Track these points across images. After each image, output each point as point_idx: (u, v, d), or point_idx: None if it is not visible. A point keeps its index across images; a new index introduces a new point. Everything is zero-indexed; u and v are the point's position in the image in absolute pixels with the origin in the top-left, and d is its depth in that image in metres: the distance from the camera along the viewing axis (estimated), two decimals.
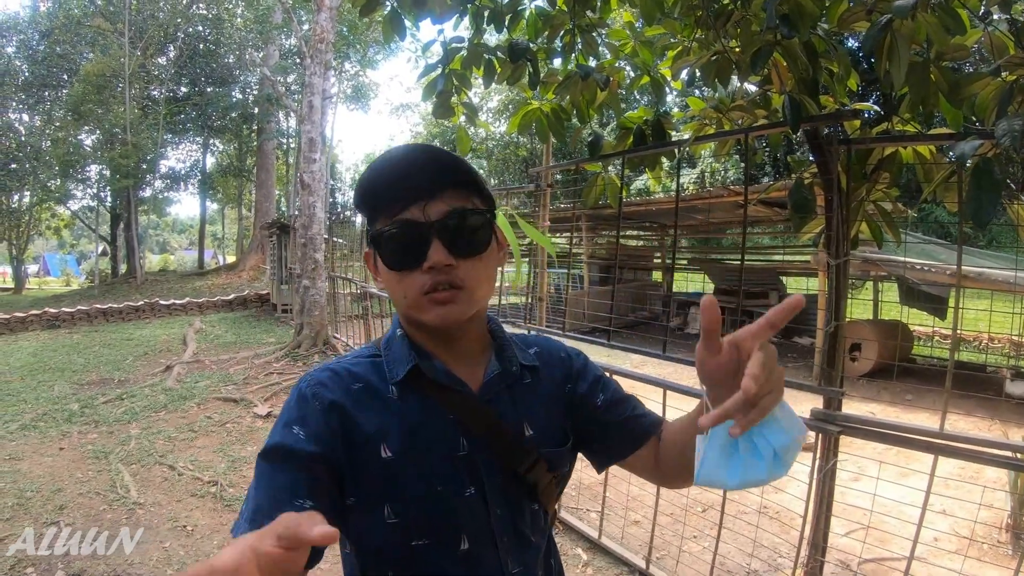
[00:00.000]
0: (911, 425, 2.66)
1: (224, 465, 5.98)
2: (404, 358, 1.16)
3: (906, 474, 3.79)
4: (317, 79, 11.30)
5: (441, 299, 1.10)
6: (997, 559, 4.40)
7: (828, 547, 2.99)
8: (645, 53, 3.39)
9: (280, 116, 27.97)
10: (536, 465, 1.19)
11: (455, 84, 3.40)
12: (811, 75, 2.48)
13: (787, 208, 11.23)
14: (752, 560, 4.04)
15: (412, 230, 1.09)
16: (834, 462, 2.78)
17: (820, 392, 2.80)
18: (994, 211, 1.65)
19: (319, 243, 11.39)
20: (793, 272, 15.00)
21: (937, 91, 2.19)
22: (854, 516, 4.33)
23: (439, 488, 1.10)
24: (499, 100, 31.80)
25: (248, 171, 30.98)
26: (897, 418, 7.46)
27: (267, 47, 24.77)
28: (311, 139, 11.30)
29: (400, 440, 1.10)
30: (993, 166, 1.59)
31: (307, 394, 1.11)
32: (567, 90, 3.17)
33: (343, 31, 22.87)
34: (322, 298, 11.52)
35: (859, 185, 2.64)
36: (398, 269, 1.11)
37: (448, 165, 1.12)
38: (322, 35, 11.18)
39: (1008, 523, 4.72)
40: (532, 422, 1.22)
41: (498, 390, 1.21)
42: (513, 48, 3.11)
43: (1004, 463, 2.53)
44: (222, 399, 8.46)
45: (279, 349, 11.55)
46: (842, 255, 2.61)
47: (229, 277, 25.17)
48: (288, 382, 9.28)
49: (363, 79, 29.28)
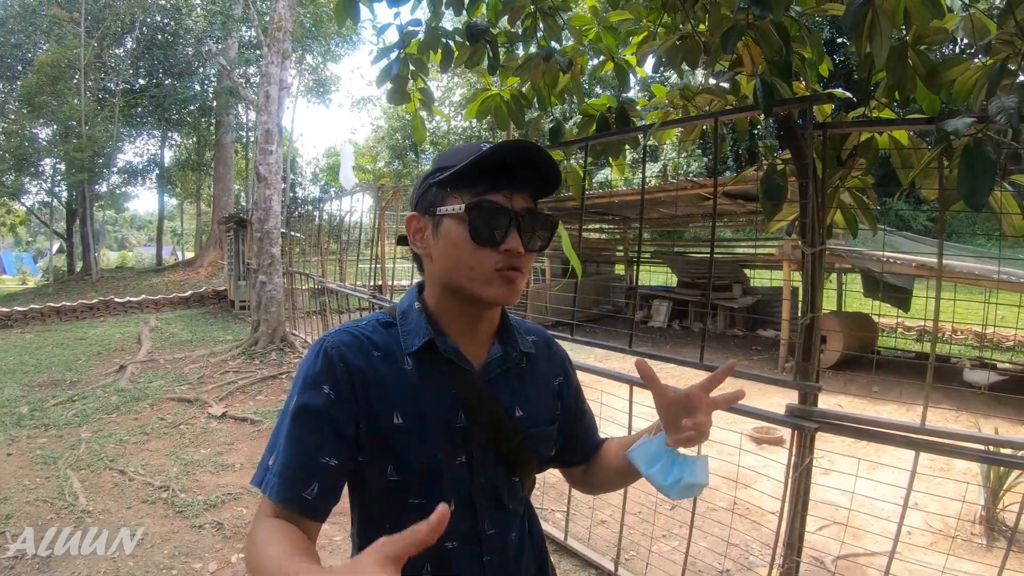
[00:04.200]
0: (891, 421, 2.56)
1: (176, 469, 5.77)
2: (421, 331, 1.25)
3: (875, 467, 3.72)
4: (274, 68, 11.05)
5: (509, 277, 1.20)
6: (972, 551, 4.36)
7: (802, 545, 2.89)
8: (609, 38, 3.28)
9: (240, 109, 27.53)
10: (521, 444, 1.30)
11: (411, 69, 3.27)
12: (784, 57, 2.37)
13: (750, 200, 11.44)
14: (723, 560, 3.94)
15: (500, 213, 1.18)
16: (810, 459, 2.68)
17: (796, 387, 2.69)
18: (989, 193, 1.56)
19: (275, 237, 11.16)
20: (756, 264, 15.05)
21: (915, 75, 2.12)
22: (825, 511, 4.28)
23: (438, 455, 1.21)
24: (461, 94, 31.61)
25: (207, 165, 30.35)
26: (864, 411, 7.49)
27: (227, 39, 24.28)
28: (268, 130, 11.04)
29: (410, 409, 1.20)
30: (986, 145, 1.49)
31: (333, 356, 1.18)
32: (528, 72, 3.04)
33: (306, 23, 22.56)
34: (279, 294, 11.30)
35: (834, 172, 2.53)
36: (480, 243, 1.18)
37: (545, 170, 1.22)
38: (280, 23, 10.92)
39: (982, 515, 4.71)
40: (523, 404, 1.33)
41: (497, 371, 1.31)
42: (471, 30, 2.99)
43: (985, 458, 2.48)
44: (176, 399, 8.23)
45: (235, 347, 11.31)
46: (818, 244, 2.50)
47: (187, 273, 24.70)
48: (244, 381, 9.07)
49: (325, 72, 28.95)
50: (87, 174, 22.85)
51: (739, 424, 5.57)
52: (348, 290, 9.00)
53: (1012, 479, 4.61)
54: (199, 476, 5.66)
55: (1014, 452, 2.42)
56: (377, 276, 8.35)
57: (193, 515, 4.84)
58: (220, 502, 5.08)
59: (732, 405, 1.27)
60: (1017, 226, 2.25)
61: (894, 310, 11.27)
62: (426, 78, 3.43)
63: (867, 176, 2.65)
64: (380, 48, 3.36)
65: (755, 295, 14.64)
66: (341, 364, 1.18)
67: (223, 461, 6.00)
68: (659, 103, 3.27)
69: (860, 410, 7.19)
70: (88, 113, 22.66)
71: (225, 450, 6.33)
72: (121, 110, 25.18)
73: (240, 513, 4.91)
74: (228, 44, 24.27)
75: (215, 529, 4.64)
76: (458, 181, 1.20)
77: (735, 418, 2.85)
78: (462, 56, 3.16)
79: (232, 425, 7.22)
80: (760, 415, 2.89)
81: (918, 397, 7.58)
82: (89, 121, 22.64)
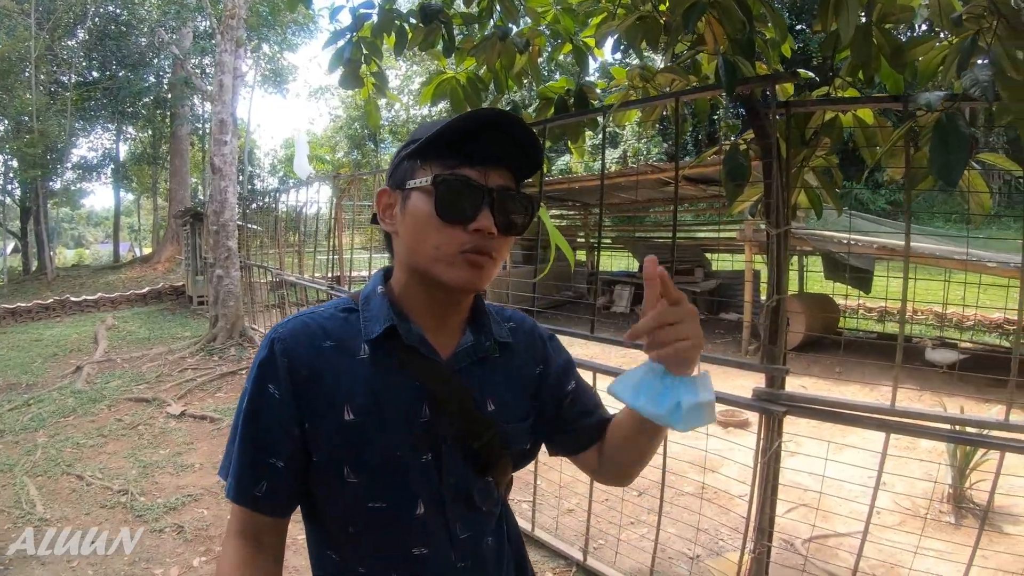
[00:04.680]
0: (862, 403, 2.54)
1: (135, 472, 5.61)
2: (382, 317, 1.16)
3: (841, 449, 3.72)
4: (228, 56, 10.80)
5: (475, 261, 1.10)
6: (941, 530, 4.40)
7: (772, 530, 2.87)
8: (567, 20, 3.24)
9: (195, 100, 27.02)
10: (492, 440, 1.20)
11: (364, 53, 3.18)
12: (746, 36, 2.33)
13: (711, 185, 11.50)
14: (693, 546, 3.92)
15: (471, 189, 1.09)
16: (779, 443, 2.65)
17: (763, 370, 2.65)
18: (963, 168, 1.52)
19: (232, 230, 10.93)
20: (718, 248, 15.13)
21: (879, 54, 2.10)
22: (792, 494, 4.28)
23: (398, 453, 1.12)
24: (420, 83, 31.41)
25: (163, 158, 29.79)
26: (829, 392, 7.56)
27: (181, 28, 23.75)
28: (222, 120, 10.79)
29: (364, 403, 1.11)
30: (958, 120, 1.45)
31: (277, 350, 1.12)
32: (484, 53, 2.98)
33: (262, 11, 22.21)
34: (237, 288, 11.07)
35: (798, 151, 2.49)
36: (446, 220, 1.08)
37: (523, 142, 1.13)
38: (233, 11, 10.67)
39: (949, 494, 4.78)
40: (495, 397, 1.23)
41: (467, 362, 1.22)
42: (425, 10, 2.91)
43: (953, 437, 2.47)
44: (134, 399, 8.02)
45: (194, 343, 11.08)
46: (782, 224, 2.46)
47: (144, 270, 24.26)
48: (203, 378, 8.89)
49: (282, 61, 28.57)
50: (40, 170, 22.27)
51: None
52: (306, 282, 8.87)
53: (978, 457, 4.67)
54: (158, 478, 5.52)
55: (980, 431, 2.40)
56: (335, 267, 8.22)
57: (153, 519, 4.72)
58: (180, 504, 4.96)
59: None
60: (984, 204, 2.23)
61: (856, 291, 11.40)
62: (380, 62, 3.35)
63: (831, 156, 2.61)
64: (332, 31, 3.27)
65: (717, 279, 14.74)
66: (284, 359, 1.11)
67: (182, 461, 5.86)
68: (618, 85, 3.21)
69: (824, 391, 7.28)
70: (40, 107, 21.97)
71: (184, 450, 6.18)
72: (74, 103, 24.48)
73: (201, 515, 4.79)
74: (182, 34, 23.73)
75: (176, 532, 4.53)
76: (430, 153, 1.11)
77: None
78: (416, 38, 3.08)
79: (191, 424, 7.06)
80: (727, 400, 2.84)
81: (881, 377, 7.70)
82: (41, 115, 21.96)
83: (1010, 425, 2.23)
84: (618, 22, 2.67)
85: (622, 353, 6.64)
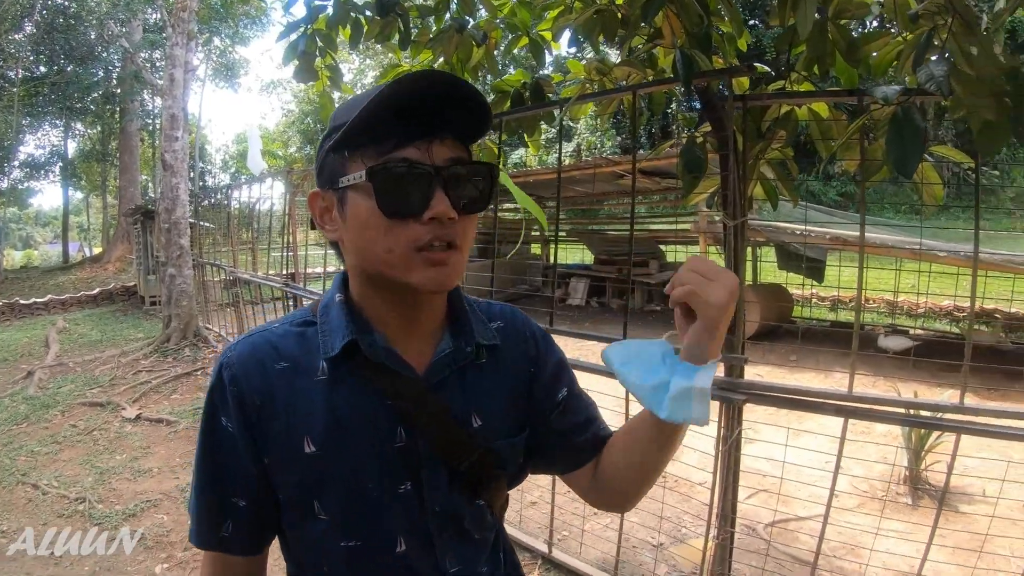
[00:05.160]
0: (820, 389, 2.61)
1: (92, 479, 5.48)
2: (341, 330, 1.00)
3: (798, 434, 3.80)
4: (179, 50, 10.55)
5: (437, 259, 0.94)
6: (898, 511, 4.52)
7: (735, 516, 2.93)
8: (524, 13, 3.24)
9: (145, 95, 26.34)
10: (481, 461, 1.06)
11: (319, 45, 3.15)
12: (703, 30, 2.35)
13: (665, 177, 11.63)
14: (657, 534, 3.97)
15: (416, 172, 0.92)
16: (739, 431, 2.69)
17: (722, 360, 2.69)
18: (919, 160, 1.56)
19: (184, 228, 10.71)
20: (672, 240, 15.34)
21: (835, 49, 2.15)
22: (752, 480, 4.36)
23: (370, 486, 0.99)
24: (373, 76, 31.14)
25: (112, 155, 29.06)
26: (784, 379, 7.70)
27: (131, 21, 23.15)
28: (173, 115, 10.56)
29: (326, 432, 0.98)
30: (914, 113, 1.50)
31: (226, 378, 0.99)
32: (441, 45, 2.97)
33: (214, 4, 21.81)
34: (190, 287, 10.88)
35: (754, 144, 2.53)
36: (393, 216, 0.92)
37: (468, 100, 0.95)
38: (185, 3, 10.44)
39: (906, 476, 4.92)
40: (482, 411, 1.08)
41: (447, 373, 1.06)
42: (382, 2, 2.88)
43: (909, 421, 2.54)
44: (88, 404, 7.81)
45: (147, 345, 10.85)
46: (739, 216, 2.50)
47: (95, 270, 23.62)
48: (157, 380, 8.71)
49: (233, 55, 28.11)
50: None
51: None
52: (261, 279, 8.75)
53: (933, 440, 4.81)
54: (116, 484, 5.39)
55: (935, 414, 2.48)
56: (290, 264, 8.13)
57: (112, 527, 4.61)
58: (139, 511, 4.84)
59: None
60: (937, 195, 2.29)
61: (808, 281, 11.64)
62: (335, 55, 3.32)
63: (787, 148, 2.66)
64: (287, 23, 3.23)
65: (671, 270, 14.89)
66: (233, 388, 0.98)
67: (140, 467, 5.73)
68: (575, 78, 3.22)
69: (780, 379, 7.40)
70: None
71: (141, 455, 6.05)
72: (21, 99, 23.77)
73: (161, 521, 4.69)
74: (132, 27, 23.07)
75: (136, 540, 4.42)
76: (357, 140, 0.94)
77: None
78: (372, 30, 3.06)
79: (147, 427, 6.90)
80: None
81: (835, 364, 7.88)
82: None
83: (964, 408, 2.29)
84: (575, 16, 2.68)
85: (579, 345, 6.64)
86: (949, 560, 3.63)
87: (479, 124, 1.00)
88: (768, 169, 2.68)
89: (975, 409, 2.33)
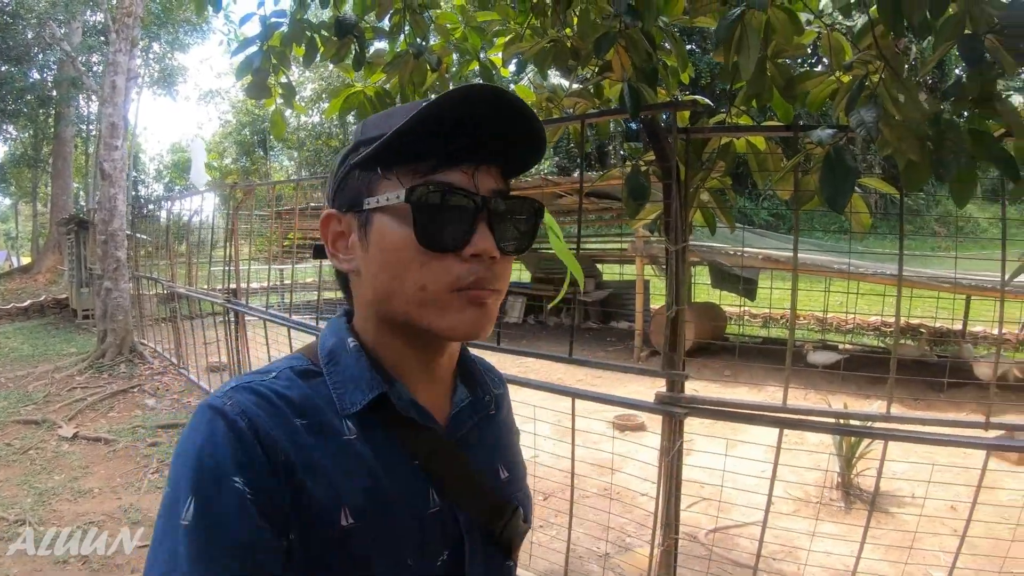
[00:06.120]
0: (757, 402, 2.78)
1: (31, 499, 5.35)
2: (364, 381, 0.85)
3: (735, 445, 3.97)
4: (122, 57, 10.35)
5: (478, 298, 0.82)
6: (832, 515, 4.77)
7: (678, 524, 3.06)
8: (475, 39, 3.33)
9: (81, 100, 25.57)
10: (514, 516, 0.95)
11: (273, 62, 3.19)
12: (651, 64, 2.49)
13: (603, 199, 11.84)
14: (602, 544, 4.08)
15: (459, 202, 0.81)
16: (680, 443, 2.82)
17: (664, 376, 2.83)
18: (849, 196, 1.72)
19: (121, 239, 10.46)
20: (608, 260, 15.70)
21: (772, 86, 2.29)
22: (692, 489, 4.52)
23: (410, 562, 0.82)
24: (313, 89, 30.81)
25: (44, 161, 28.10)
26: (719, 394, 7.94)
27: (71, 22, 22.43)
28: (113, 123, 10.33)
29: (364, 500, 0.80)
30: (846, 154, 1.66)
31: (241, 427, 0.74)
32: (397, 69, 3.03)
33: (154, 9, 21.35)
34: (126, 301, 10.62)
35: (695, 173, 2.68)
36: (433, 248, 0.80)
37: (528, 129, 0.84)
38: (130, 8, 10.24)
39: (838, 482, 5.22)
40: (507, 463, 1.00)
41: (468, 426, 0.95)
42: (340, 24, 2.95)
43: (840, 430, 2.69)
44: (22, 422, 7.59)
45: (82, 360, 10.55)
46: (681, 241, 2.65)
47: (24, 281, 22.76)
48: (93, 397, 8.49)
49: (172, 62, 27.54)
50: None
51: (603, 413, 5.74)
52: (200, 295, 8.61)
53: (863, 447, 5.13)
54: (56, 505, 5.27)
55: (863, 423, 2.66)
56: (231, 279, 8.07)
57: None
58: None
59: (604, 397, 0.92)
60: (864, 223, 2.48)
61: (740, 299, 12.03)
62: (287, 72, 3.36)
63: (725, 178, 2.82)
64: (241, 40, 3.26)
65: (608, 289, 15.39)
66: (254, 441, 0.74)
67: (80, 487, 5.61)
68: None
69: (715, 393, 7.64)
70: None
71: (81, 474, 5.92)
72: None
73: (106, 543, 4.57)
74: (72, 28, 22.32)
75: (81, 563, 4.34)
76: (394, 156, 0.82)
77: (599, 407, 2.96)
78: (328, 51, 3.10)
79: (85, 446, 6.76)
80: (631, 404, 3.04)
81: (767, 378, 8.18)
82: None
83: (891, 417, 2.49)
84: (526, 44, 2.79)
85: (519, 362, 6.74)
86: (883, 558, 3.85)
87: (530, 157, 0.89)
88: (707, 196, 2.83)
89: (901, 418, 2.57)
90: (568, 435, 3.27)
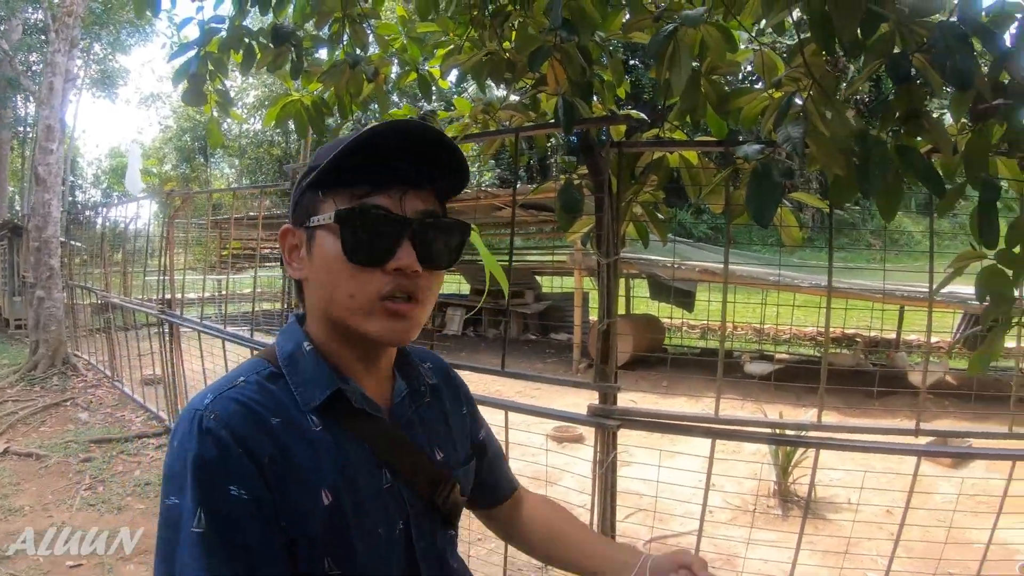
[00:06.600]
0: (690, 414, 2.80)
1: None
2: (321, 380, 0.98)
3: (672, 456, 4.02)
4: (61, 57, 10.02)
5: (397, 311, 0.95)
6: (769, 522, 4.84)
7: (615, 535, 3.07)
8: (414, 49, 3.33)
9: (19, 101, 24.63)
10: (452, 491, 1.10)
11: (210, 69, 3.14)
12: (586, 79, 2.51)
13: (542, 211, 11.93)
14: None
15: (386, 221, 0.94)
16: (614, 455, 2.84)
17: (596, 388, 2.84)
18: (774, 211, 1.76)
19: (54, 247, 10.12)
20: (547, 272, 15.86)
21: (706, 102, 2.33)
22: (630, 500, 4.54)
23: (379, 530, 0.98)
24: (255, 96, 30.41)
25: None
26: (657, 404, 8.04)
27: (10, 19, 21.64)
28: (49, 126, 10.00)
29: (337, 480, 0.94)
30: (772, 169, 1.70)
31: (225, 438, 0.86)
32: (333, 79, 3.01)
33: (95, 9, 20.76)
34: (59, 311, 10.26)
35: (628, 187, 2.71)
36: (359, 262, 0.93)
37: (449, 158, 0.99)
38: (71, 8, 9.95)
39: (775, 490, 5.31)
40: (441, 445, 1.14)
41: (408, 413, 1.10)
42: (277, 32, 2.92)
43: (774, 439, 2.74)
44: None
45: (13, 372, 10.15)
46: (612, 254, 2.67)
47: None
48: (25, 411, 8.16)
49: (113, 63, 26.84)
50: None
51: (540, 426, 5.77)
52: (135, 305, 8.38)
53: (798, 456, 5.24)
54: None
55: (798, 432, 2.72)
56: (166, 289, 7.88)
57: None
58: (14, 553, 4.51)
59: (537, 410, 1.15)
60: (794, 236, 2.54)
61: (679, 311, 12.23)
62: (225, 79, 3.32)
63: (658, 191, 2.85)
64: (179, 44, 3.21)
65: (546, 301, 15.51)
66: (239, 449, 0.86)
67: (10, 505, 5.37)
68: (460, 115, 3.34)
69: (653, 404, 7.74)
70: None
71: (11, 492, 5.66)
72: None
73: (38, 563, 4.38)
74: (12, 26, 21.47)
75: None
76: (332, 181, 0.95)
77: (536, 420, 2.96)
78: (265, 58, 3.06)
79: (16, 462, 6.48)
80: (564, 417, 3.04)
81: (704, 389, 8.30)
82: None
83: (823, 426, 2.54)
84: (464, 56, 2.80)
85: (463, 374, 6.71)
86: (820, 564, 3.93)
87: (456, 183, 1.04)
88: (640, 209, 2.87)
89: (833, 426, 2.63)
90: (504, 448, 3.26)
